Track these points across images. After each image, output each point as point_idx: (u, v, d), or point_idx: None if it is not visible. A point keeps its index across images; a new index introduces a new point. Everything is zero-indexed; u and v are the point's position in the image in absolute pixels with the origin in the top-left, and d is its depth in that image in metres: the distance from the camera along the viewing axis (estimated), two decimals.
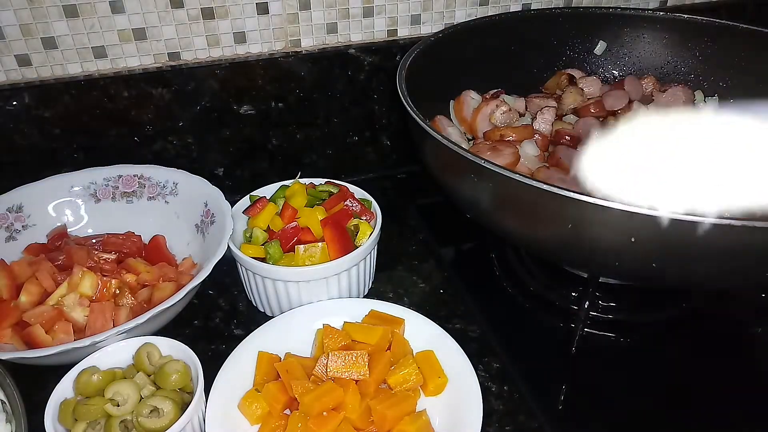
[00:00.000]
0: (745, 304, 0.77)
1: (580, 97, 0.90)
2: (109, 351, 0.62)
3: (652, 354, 0.72)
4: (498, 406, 0.65)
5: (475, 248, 0.89)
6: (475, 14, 0.97)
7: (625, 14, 0.96)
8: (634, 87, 0.92)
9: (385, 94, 0.98)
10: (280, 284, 0.71)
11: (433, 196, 0.99)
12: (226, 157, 0.95)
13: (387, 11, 0.93)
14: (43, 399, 0.57)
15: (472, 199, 0.68)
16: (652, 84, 0.94)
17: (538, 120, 0.86)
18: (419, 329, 0.67)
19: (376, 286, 0.81)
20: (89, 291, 0.68)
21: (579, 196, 0.54)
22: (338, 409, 0.58)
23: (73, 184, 0.81)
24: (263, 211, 0.75)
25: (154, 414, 0.56)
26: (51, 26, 0.80)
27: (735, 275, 0.60)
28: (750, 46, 0.88)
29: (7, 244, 0.76)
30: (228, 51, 0.89)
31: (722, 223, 0.51)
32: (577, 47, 0.99)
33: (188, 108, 0.89)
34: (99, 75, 0.84)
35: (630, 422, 0.64)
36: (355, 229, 0.74)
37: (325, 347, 0.63)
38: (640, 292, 0.77)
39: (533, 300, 0.79)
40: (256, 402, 0.60)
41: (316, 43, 0.93)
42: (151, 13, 0.83)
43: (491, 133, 0.83)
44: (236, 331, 0.74)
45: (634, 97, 0.91)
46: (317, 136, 0.98)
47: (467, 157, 0.61)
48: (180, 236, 0.80)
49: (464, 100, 0.90)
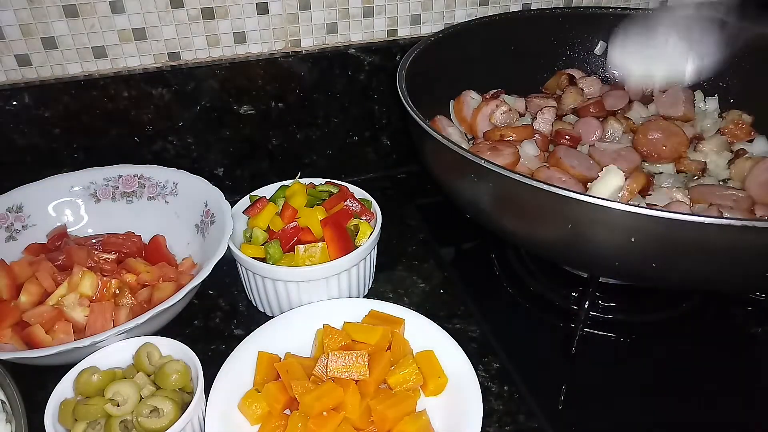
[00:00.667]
0: (745, 304, 0.77)
1: (580, 97, 0.90)
2: (109, 351, 0.62)
3: (652, 354, 0.72)
4: (498, 406, 0.65)
5: (475, 248, 0.89)
6: (475, 14, 0.97)
7: (625, 14, 0.96)
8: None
9: (385, 94, 0.98)
10: (280, 284, 0.71)
11: (433, 196, 0.99)
12: (226, 157, 0.95)
13: (387, 11, 0.93)
14: (43, 399, 0.57)
15: (472, 199, 0.68)
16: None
17: (538, 120, 0.86)
18: (419, 329, 0.67)
19: (376, 286, 0.81)
20: (89, 291, 0.68)
21: (579, 196, 0.54)
22: (338, 409, 0.58)
23: (73, 184, 0.81)
24: (263, 211, 0.75)
25: (154, 414, 0.56)
26: (51, 26, 0.80)
27: (735, 275, 0.60)
28: (751, 45, 0.88)
29: (7, 244, 0.76)
30: (228, 51, 0.89)
31: (722, 223, 0.51)
32: (577, 47, 0.99)
33: (188, 108, 0.89)
34: (99, 75, 0.84)
35: (630, 422, 0.64)
36: (355, 229, 0.74)
37: (325, 347, 0.63)
38: (640, 292, 0.77)
39: (533, 300, 0.79)
40: (256, 402, 0.60)
41: (316, 43, 0.93)
42: (151, 13, 0.83)
43: (491, 133, 0.83)
44: (236, 331, 0.74)
45: (634, 97, 0.91)
46: (317, 136, 0.98)
47: (467, 157, 0.61)
48: (180, 236, 0.80)
49: (464, 100, 0.90)
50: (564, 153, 0.77)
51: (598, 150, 0.79)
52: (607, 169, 0.70)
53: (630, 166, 0.76)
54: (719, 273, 0.59)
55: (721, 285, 0.67)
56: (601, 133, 0.84)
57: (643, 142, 0.80)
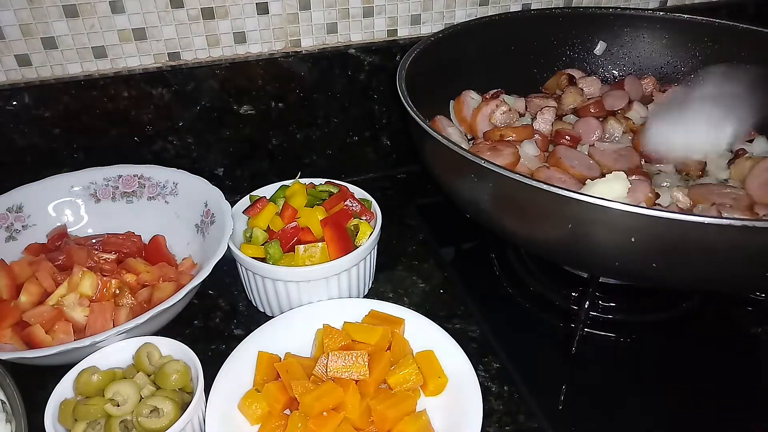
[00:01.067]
0: (745, 304, 0.77)
1: (580, 97, 0.90)
2: (109, 351, 0.62)
3: (652, 354, 0.72)
4: (498, 406, 0.65)
5: (475, 248, 0.89)
6: (475, 14, 0.97)
7: (625, 14, 0.96)
8: (634, 87, 0.92)
9: (385, 94, 0.98)
10: (280, 284, 0.71)
11: (433, 196, 0.99)
12: (226, 157, 0.95)
13: (387, 11, 0.93)
14: (43, 399, 0.57)
15: (472, 199, 0.68)
16: (652, 84, 0.94)
17: (538, 120, 0.86)
18: (419, 329, 0.67)
19: (376, 286, 0.81)
20: (89, 291, 0.68)
21: (579, 196, 0.54)
22: (338, 409, 0.58)
23: (73, 184, 0.81)
24: (263, 211, 0.75)
25: (154, 414, 0.56)
26: (51, 26, 0.80)
27: (735, 275, 0.60)
28: (750, 46, 0.88)
29: (7, 244, 0.76)
30: (228, 51, 0.89)
31: (722, 223, 0.51)
32: (577, 47, 0.99)
33: (188, 108, 0.89)
34: (99, 75, 0.84)
35: (630, 422, 0.64)
36: (355, 229, 0.74)
37: (325, 347, 0.63)
38: (640, 292, 0.77)
39: (533, 300, 0.79)
40: (256, 402, 0.60)
41: (316, 43, 0.93)
42: (151, 13, 0.83)
43: (491, 133, 0.83)
44: (236, 331, 0.74)
45: (634, 97, 0.91)
46: (317, 136, 0.98)
47: (467, 157, 0.61)
48: (180, 236, 0.80)
49: (464, 100, 0.90)
50: (564, 153, 0.77)
51: (598, 150, 0.79)
52: (616, 174, 0.70)
53: (630, 166, 0.76)
54: (719, 273, 0.59)
55: (721, 285, 0.67)
56: (601, 133, 0.84)
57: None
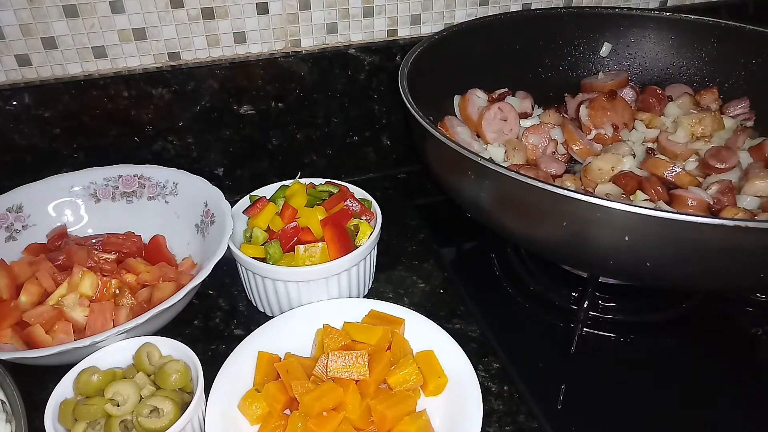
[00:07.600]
0: (745, 304, 0.77)
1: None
2: (109, 351, 0.62)
3: (652, 354, 0.72)
4: (498, 406, 0.65)
5: (475, 248, 0.89)
6: (475, 14, 0.97)
7: (631, 14, 0.95)
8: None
9: (385, 94, 0.97)
10: (280, 284, 0.71)
11: (433, 196, 0.99)
12: (226, 157, 0.95)
13: (387, 11, 0.93)
14: (43, 399, 0.57)
15: (472, 198, 0.68)
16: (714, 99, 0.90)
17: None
18: (419, 329, 0.67)
19: (376, 286, 0.81)
20: (89, 291, 0.68)
21: (573, 195, 0.54)
22: (338, 409, 0.58)
23: (73, 184, 0.81)
24: (263, 211, 0.75)
25: (154, 414, 0.56)
26: (51, 26, 0.80)
27: (728, 275, 0.59)
28: (757, 46, 0.88)
29: (7, 244, 0.76)
30: (228, 51, 0.89)
31: (716, 223, 0.51)
32: (582, 47, 0.98)
33: (188, 108, 0.89)
34: (99, 75, 0.84)
35: (630, 422, 0.64)
36: (355, 229, 0.74)
37: (325, 347, 0.63)
38: (640, 292, 0.77)
39: (533, 300, 0.79)
40: (256, 402, 0.60)
41: (316, 43, 0.93)
42: (151, 13, 0.83)
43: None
44: (236, 331, 0.74)
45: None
46: (317, 136, 0.98)
47: (467, 156, 0.61)
48: (180, 236, 0.80)
49: (470, 98, 0.89)
50: None
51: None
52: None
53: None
54: (713, 273, 0.59)
55: (715, 285, 0.67)
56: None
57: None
